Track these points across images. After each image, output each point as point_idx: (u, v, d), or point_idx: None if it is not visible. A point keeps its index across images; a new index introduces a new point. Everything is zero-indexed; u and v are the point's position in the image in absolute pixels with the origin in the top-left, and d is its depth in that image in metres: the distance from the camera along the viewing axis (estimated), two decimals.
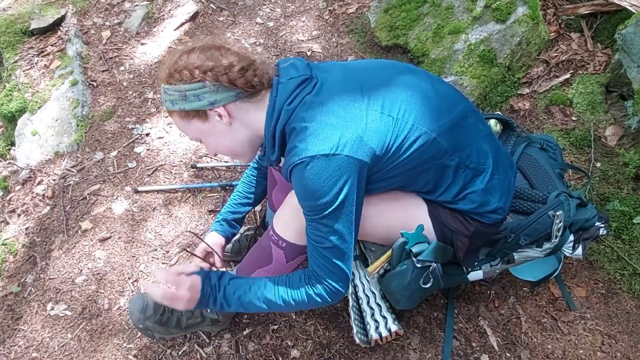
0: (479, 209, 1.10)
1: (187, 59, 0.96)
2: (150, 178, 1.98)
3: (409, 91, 1.02)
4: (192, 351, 1.43)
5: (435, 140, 1.00)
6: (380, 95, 0.99)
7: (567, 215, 1.20)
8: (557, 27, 2.15)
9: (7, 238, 1.92)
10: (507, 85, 2.03)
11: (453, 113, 1.05)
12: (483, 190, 1.09)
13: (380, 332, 1.29)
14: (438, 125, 1.01)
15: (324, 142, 0.91)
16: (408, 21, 2.26)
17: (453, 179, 1.06)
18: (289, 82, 0.99)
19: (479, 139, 1.09)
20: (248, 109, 1.01)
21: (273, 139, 1.01)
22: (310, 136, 0.92)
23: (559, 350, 1.37)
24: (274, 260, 1.22)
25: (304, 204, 0.98)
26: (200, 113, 0.99)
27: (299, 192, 0.97)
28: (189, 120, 1.01)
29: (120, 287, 1.65)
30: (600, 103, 1.87)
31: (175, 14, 2.69)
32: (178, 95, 0.97)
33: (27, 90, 2.34)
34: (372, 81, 1.02)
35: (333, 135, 0.92)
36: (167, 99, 1.00)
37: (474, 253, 1.23)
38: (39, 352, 1.52)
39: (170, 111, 1.02)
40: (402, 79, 1.04)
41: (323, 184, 0.92)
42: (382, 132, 0.95)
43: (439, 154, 1.02)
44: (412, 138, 0.98)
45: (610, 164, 1.73)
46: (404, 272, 1.14)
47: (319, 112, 0.95)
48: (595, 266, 1.53)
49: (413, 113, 0.99)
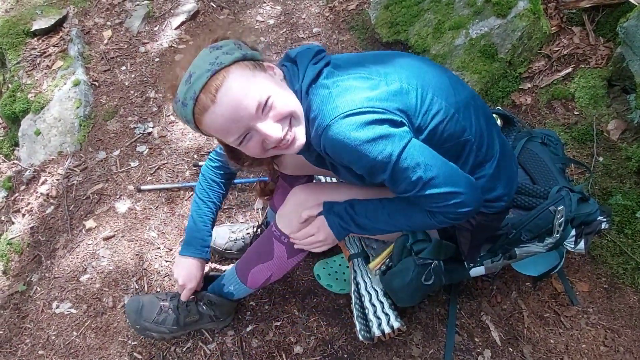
0: (485, 195, 1.06)
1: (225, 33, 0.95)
2: (152, 177, 1.99)
3: (421, 70, 0.99)
4: (195, 348, 1.45)
5: (454, 115, 0.97)
6: (396, 72, 0.95)
7: (568, 210, 1.20)
8: (558, 21, 2.13)
9: (13, 238, 1.94)
10: (509, 80, 2.02)
11: (465, 91, 1.04)
12: (491, 176, 1.06)
13: (383, 329, 1.29)
14: (455, 101, 0.98)
15: (353, 100, 0.87)
16: (408, 17, 2.25)
17: (465, 160, 1.03)
18: (306, 51, 0.97)
19: (489, 124, 1.08)
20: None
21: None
22: (337, 97, 0.88)
23: (562, 345, 1.38)
24: (275, 255, 1.23)
25: (366, 167, 0.90)
26: (259, 64, 0.91)
27: (351, 156, 0.88)
28: (253, 70, 0.89)
29: (124, 285, 1.66)
30: (603, 97, 1.86)
31: (175, 12, 2.70)
32: (233, 44, 0.89)
33: (30, 90, 2.35)
34: (383, 62, 0.99)
35: (360, 93, 0.88)
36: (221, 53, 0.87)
37: (476, 249, 1.22)
38: (45, 350, 1.54)
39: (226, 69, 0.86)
40: (412, 61, 1.03)
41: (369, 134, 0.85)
42: (405, 99, 0.92)
43: (460, 131, 0.98)
44: (435, 110, 0.94)
45: (613, 158, 1.72)
46: (406, 270, 1.15)
47: (340, 79, 0.91)
48: (597, 261, 1.53)
49: (430, 87, 0.96)
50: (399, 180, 0.91)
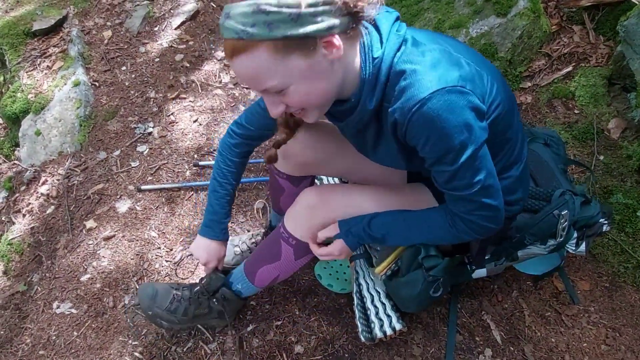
0: (506, 196, 1.01)
1: None
2: (153, 177, 1.99)
3: (482, 62, 0.94)
4: (196, 347, 1.44)
5: (507, 111, 0.93)
6: (467, 53, 0.90)
7: (572, 213, 1.20)
8: (558, 20, 2.13)
9: (13, 238, 1.94)
10: (509, 79, 2.02)
11: (510, 93, 1.01)
12: (517, 178, 1.05)
13: (385, 331, 1.29)
14: (507, 96, 0.94)
15: (447, 75, 0.80)
16: (409, 16, 2.25)
17: (502, 157, 1.00)
18: (386, 14, 0.86)
19: (521, 126, 1.07)
20: (351, 45, 0.82)
21: (376, 76, 0.84)
22: (433, 68, 0.80)
23: (563, 344, 1.37)
24: (282, 257, 1.22)
25: (440, 150, 0.84)
26: (309, 43, 0.74)
27: (432, 136, 0.82)
28: (286, 55, 0.75)
29: (124, 285, 1.66)
30: (603, 96, 1.86)
31: (175, 13, 2.70)
32: (287, 15, 0.70)
33: (31, 91, 2.35)
34: (452, 41, 0.92)
35: (453, 69, 0.81)
36: (262, 21, 0.71)
37: (482, 252, 1.22)
38: (45, 350, 1.54)
39: (253, 45, 0.73)
40: (470, 51, 0.98)
41: (459, 118, 0.80)
42: (480, 84, 0.86)
43: (507, 126, 0.95)
44: (497, 102, 0.90)
45: (614, 156, 1.72)
46: (414, 282, 1.15)
47: (428, 50, 0.83)
48: (598, 259, 1.53)
49: (493, 76, 0.91)
50: (458, 176, 0.87)
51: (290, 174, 1.33)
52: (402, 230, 1.06)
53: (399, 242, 1.12)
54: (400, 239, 1.10)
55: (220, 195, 1.30)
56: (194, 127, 2.16)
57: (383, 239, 1.08)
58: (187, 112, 2.23)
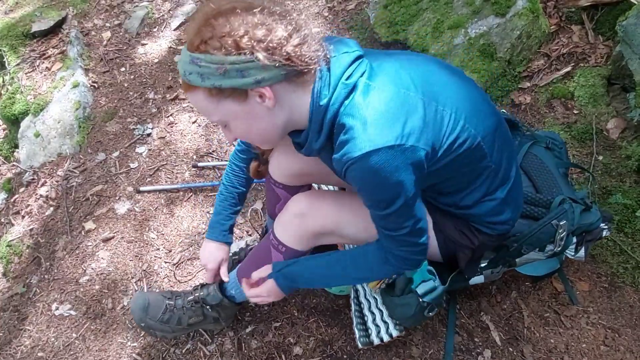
0: (490, 218, 1.07)
1: (228, 22, 0.77)
2: (152, 178, 1.99)
3: (457, 87, 0.96)
4: (195, 349, 1.44)
5: (479, 143, 0.95)
6: (433, 89, 0.91)
7: (570, 223, 1.19)
8: (557, 20, 2.13)
9: (12, 239, 1.94)
10: (508, 79, 2.02)
11: (494, 117, 1.01)
12: (502, 200, 1.06)
13: (382, 337, 1.29)
14: (483, 127, 0.96)
15: (388, 133, 0.82)
16: (407, 16, 2.25)
17: (481, 184, 1.02)
18: (342, 57, 0.87)
19: (511, 147, 1.07)
20: (294, 91, 0.86)
21: (321, 123, 0.88)
22: (371, 126, 0.82)
23: (562, 344, 1.37)
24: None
25: (371, 199, 0.91)
26: (239, 92, 0.82)
27: (364, 186, 0.89)
28: (220, 99, 0.83)
29: (123, 286, 1.66)
30: (602, 96, 1.85)
31: (174, 14, 2.70)
32: (214, 69, 0.78)
33: (30, 92, 2.35)
34: (421, 74, 0.92)
35: (396, 125, 0.82)
36: (195, 71, 0.80)
37: (475, 263, 1.22)
38: (44, 352, 1.54)
39: (193, 87, 0.83)
40: (449, 73, 0.99)
41: (390, 176, 0.83)
42: (438, 126, 0.88)
43: (479, 157, 0.97)
44: (462, 139, 0.92)
45: (613, 157, 1.71)
46: (408, 305, 1.16)
47: (377, 100, 0.84)
48: (597, 260, 1.52)
49: (465, 112, 0.92)
50: (389, 220, 0.94)
51: (286, 184, 1.33)
52: (338, 271, 1.09)
53: (338, 282, 1.18)
54: (338, 279, 1.14)
55: (224, 197, 1.34)
56: (193, 128, 2.16)
57: (315, 282, 1.12)
58: (186, 113, 2.23)
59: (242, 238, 1.74)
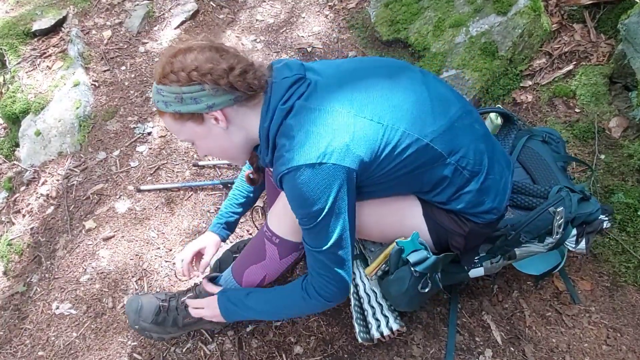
0: (472, 209, 1.09)
1: (183, 59, 0.94)
2: (152, 177, 1.99)
3: (402, 95, 1.01)
4: (195, 348, 1.44)
5: (428, 145, 0.99)
6: (372, 101, 0.98)
7: (568, 210, 1.19)
8: (559, 18, 2.12)
9: (13, 238, 1.94)
10: (509, 78, 2.01)
11: (447, 115, 1.03)
12: (477, 191, 1.07)
13: (382, 331, 1.28)
14: (431, 130, 1.00)
15: (310, 152, 0.91)
16: (408, 15, 2.25)
17: (449, 182, 1.05)
18: (282, 82, 0.98)
19: (475, 139, 1.08)
20: (245, 112, 1.01)
21: (267, 140, 1.01)
22: (297, 145, 0.92)
23: (564, 344, 1.37)
24: (267, 256, 1.22)
25: (297, 212, 0.99)
26: (196, 116, 0.98)
27: (290, 200, 0.98)
28: (182, 122, 1.00)
29: (124, 285, 1.66)
30: (604, 94, 1.85)
31: (175, 12, 2.69)
32: (173, 97, 0.95)
33: (30, 91, 2.35)
34: (364, 85, 1.00)
35: (319, 144, 0.91)
36: (160, 100, 0.97)
37: (472, 251, 1.22)
38: (44, 351, 1.54)
39: (162, 112, 1.00)
40: (396, 81, 1.03)
41: (312, 192, 0.92)
42: (371, 140, 0.95)
43: (433, 158, 1.01)
44: (403, 145, 0.97)
45: (615, 155, 1.71)
46: (402, 279, 1.14)
47: (307, 120, 0.94)
48: (599, 259, 1.52)
49: (405, 119, 0.98)
50: (311, 234, 0.99)
51: None
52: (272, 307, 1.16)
53: (269, 316, 1.28)
54: (270, 314, 1.23)
55: (233, 194, 1.44)
56: None
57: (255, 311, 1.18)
58: None
59: (242, 237, 1.74)
